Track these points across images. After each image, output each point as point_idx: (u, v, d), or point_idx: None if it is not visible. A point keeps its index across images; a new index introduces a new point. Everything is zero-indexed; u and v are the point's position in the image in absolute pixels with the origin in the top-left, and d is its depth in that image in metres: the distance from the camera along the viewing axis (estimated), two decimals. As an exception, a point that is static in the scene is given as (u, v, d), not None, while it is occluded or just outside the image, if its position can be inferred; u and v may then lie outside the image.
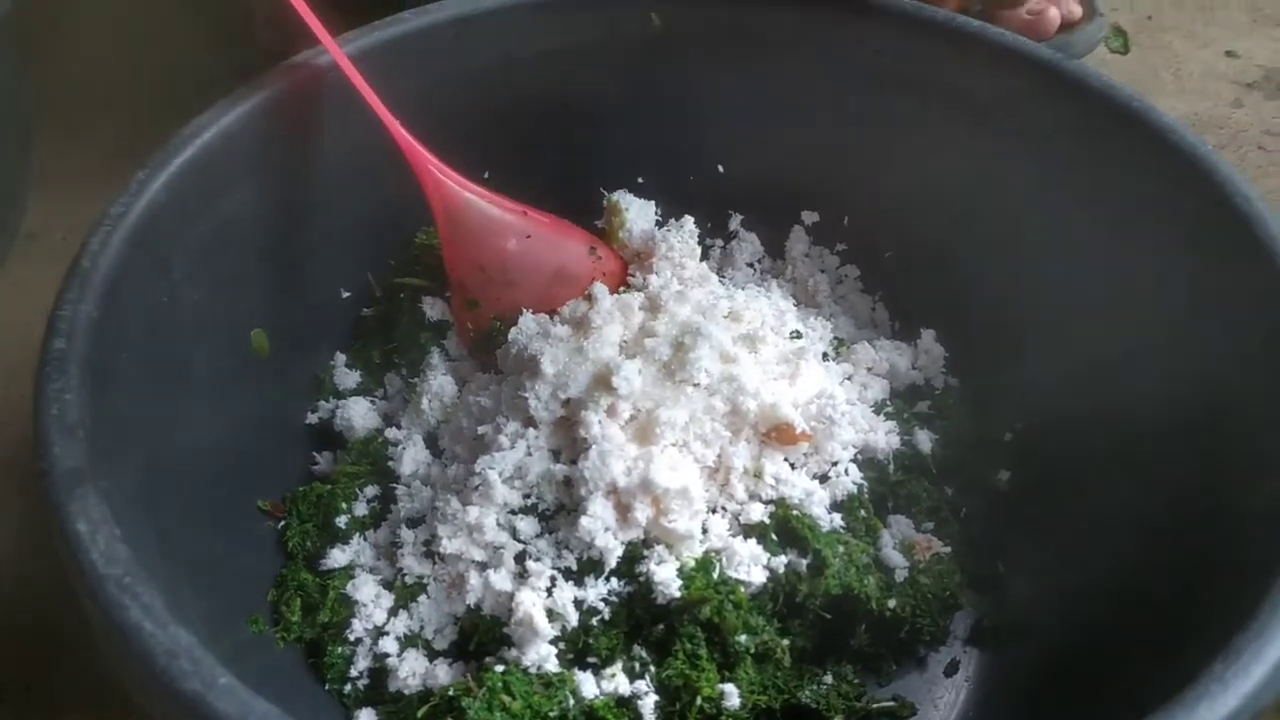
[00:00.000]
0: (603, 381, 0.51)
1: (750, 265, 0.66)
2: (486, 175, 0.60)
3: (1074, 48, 0.88)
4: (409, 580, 0.51)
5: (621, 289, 0.59)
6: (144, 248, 0.47)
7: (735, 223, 0.67)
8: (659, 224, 0.62)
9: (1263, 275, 0.45)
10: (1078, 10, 0.90)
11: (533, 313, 0.57)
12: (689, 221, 0.61)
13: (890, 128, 0.61)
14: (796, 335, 0.57)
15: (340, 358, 0.60)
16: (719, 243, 0.67)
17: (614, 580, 0.49)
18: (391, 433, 0.57)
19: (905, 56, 0.58)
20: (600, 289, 0.57)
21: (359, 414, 0.58)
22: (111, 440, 0.41)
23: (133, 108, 0.87)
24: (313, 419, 0.59)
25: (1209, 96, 0.88)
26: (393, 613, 0.51)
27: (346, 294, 0.61)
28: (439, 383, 0.57)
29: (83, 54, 0.93)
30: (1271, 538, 0.40)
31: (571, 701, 0.46)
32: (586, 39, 0.61)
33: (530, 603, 0.48)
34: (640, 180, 0.65)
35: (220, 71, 0.88)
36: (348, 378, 0.60)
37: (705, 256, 0.65)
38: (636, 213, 0.61)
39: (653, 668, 0.48)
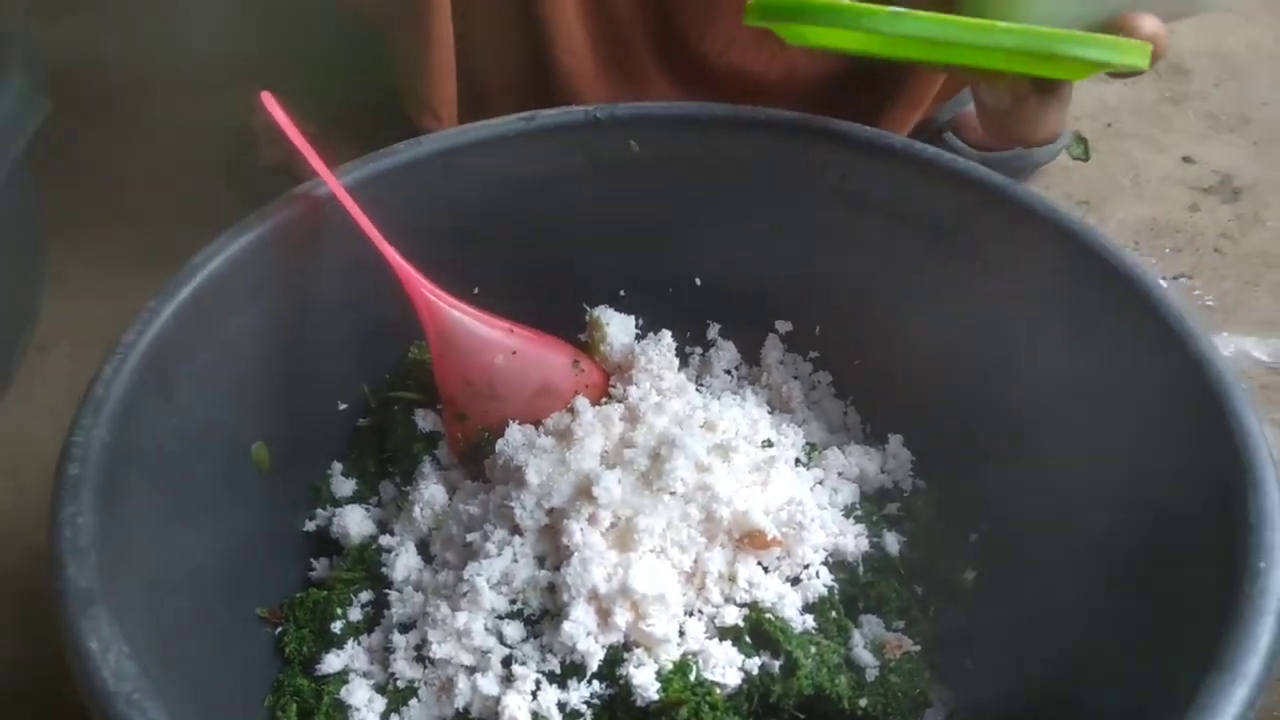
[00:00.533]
0: (584, 491, 0.54)
1: (728, 372, 0.70)
2: (475, 291, 0.64)
3: (1036, 155, 0.93)
4: (401, 684, 0.54)
5: (603, 400, 0.62)
6: (153, 373, 0.50)
7: (713, 331, 0.70)
8: (639, 337, 0.66)
9: (1195, 393, 0.48)
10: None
11: (519, 424, 0.60)
12: (666, 335, 0.65)
13: (856, 244, 0.65)
14: (768, 444, 0.60)
15: (337, 466, 0.63)
16: (698, 350, 0.70)
17: (596, 683, 0.51)
18: (385, 539, 0.60)
19: (868, 179, 0.62)
20: (582, 402, 0.60)
21: (354, 521, 0.60)
22: (120, 558, 0.44)
23: (140, 221, 0.92)
24: (310, 526, 0.62)
25: (1166, 201, 0.92)
26: (385, 717, 0.53)
27: (343, 406, 0.64)
28: (430, 491, 0.60)
29: (94, 168, 0.97)
30: (1210, 633, 0.42)
31: (555, 803, 0.48)
32: (568, 164, 0.65)
33: (516, 706, 0.50)
34: (621, 293, 0.69)
35: (225, 187, 0.93)
36: (344, 486, 0.63)
37: (685, 363, 0.69)
38: (617, 327, 0.65)
39: (633, 769, 0.50)
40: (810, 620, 0.55)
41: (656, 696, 0.50)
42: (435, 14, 0.71)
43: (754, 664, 0.52)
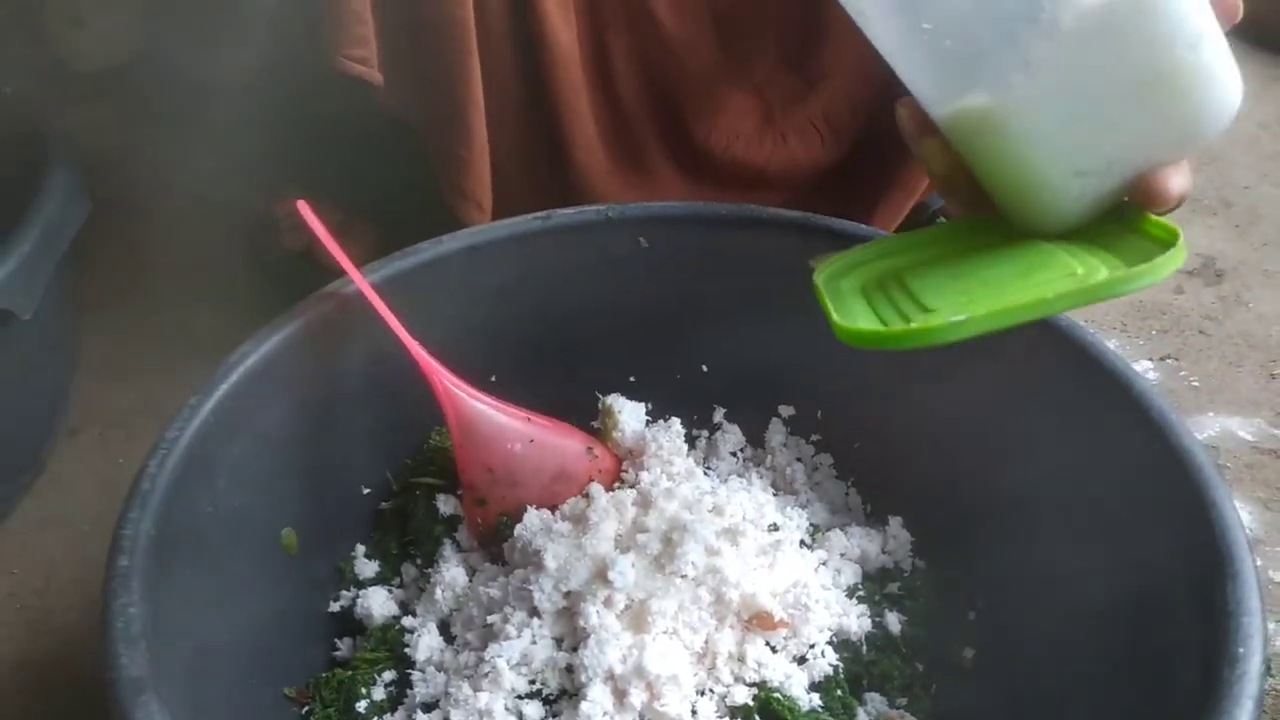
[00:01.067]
0: (600, 575, 0.57)
1: (733, 454, 0.73)
2: (493, 378, 0.67)
3: (1026, 240, 0.97)
4: (424, 762, 0.56)
5: (616, 485, 0.65)
6: (194, 466, 0.53)
7: (719, 415, 0.73)
8: (649, 422, 0.69)
9: (1177, 484, 0.51)
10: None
11: (537, 509, 0.63)
12: (676, 423, 0.68)
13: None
14: (774, 527, 0.63)
15: (360, 549, 0.66)
16: (705, 433, 0.73)
17: (612, 761, 0.54)
18: (408, 620, 0.62)
19: (865, 274, 0.66)
20: (597, 488, 0.63)
21: (377, 602, 0.63)
22: (165, 644, 0.47)
23: (165, 305, 0.95)
24: (335, 607, 0.64)
25: (1152, 283, 0.96)
26: (409, 794, 0.55)
27: (366, 490, 0.67)
28: (451, 573, 0.62)
29: (119, 252, 1.01)
30: (1192, 717, 0.45)
31: None
32: (583, 260, 0.69)
33: (535, 783, 0.53)
34: (632, 379, 0.72)
35: (247, 271, 0.97)
36: (367, 568, 0.65)
37: (693, 445, 0.72)
38: (628, 414, 0.68)
39: (648, 845, 0.52)
40: (816, 699, 0.57)
41: (671, 774, 0.52)
42: (473, 116, 0.75)
43: (763, 742, 0.54)
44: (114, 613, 0.46)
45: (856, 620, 0.61)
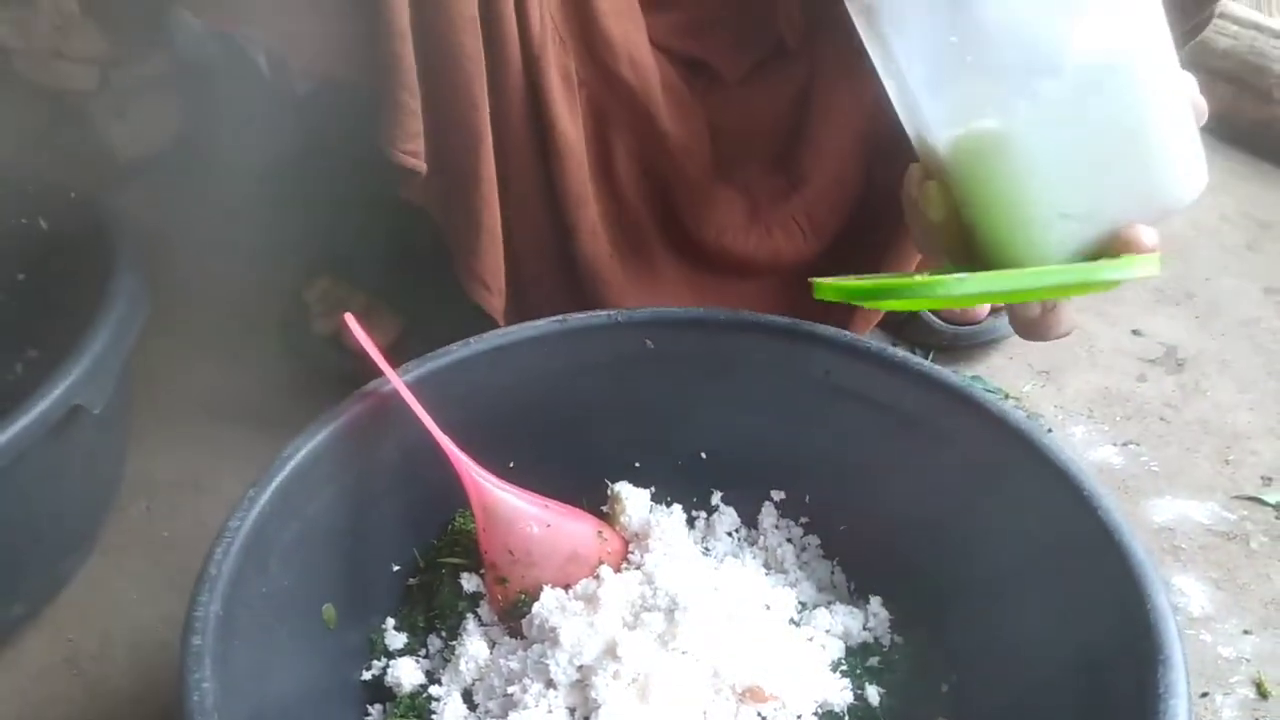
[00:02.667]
0: (610, 651, 0.64)
1: (729, 534, 0.80)
2: (511, 464, 0.74)
3: (1002, 329, 1.05)
4: (449, 820, 0.62)
5: (624, 565, 0.72)
6: (253, 553, 0.60)
7: (716, 498, 0.80)
8: (653, 508, 0.76)
9: (1118, 578, 0.59)
10: (1004, 295, 1.06)
11: (552, 588, 0.69)
12: (677, 508, 0.75)
13: (838, 427, 0.75)
14: (766, 607, 0.70)
15: (390, 621, 0.73)
16: (704, 514, 0.80)
17: (620, 821, 0.60)
18: (434, 689, 0.69)
19: (848, 376, 0.74)
20: (606, 570, 0.70)
21: (406, 672, 0.70)
22: (230, 713, 0.53)
23: (203, 382, 1.02)
24: (366, 676, 0.71)
25: (1117, 371, 1.03)
26: None
27: (397, 567, 0.74)
28: (474, 646, 0.69)
29: (157, 329, 1.08)
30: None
31: None
32: (594, 358, 0.76)
33: (551, 840, 0.59)
34: (637, 465, 0.79)
35: (280, 351, 1.04)
36: (396, 639, 0.72)
37: (692, 526, 0.79)
38: (634, 501, 0.75)
39: None
40: (803, 764, 0.64)
41: (672, 832, 0.59)
42: (484, 204, 0.82)
43: (755, 804, 0.61)
44: (189, 687, 0.52)
45: (840, 693, 0.67)
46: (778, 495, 0.80)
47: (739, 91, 0.92)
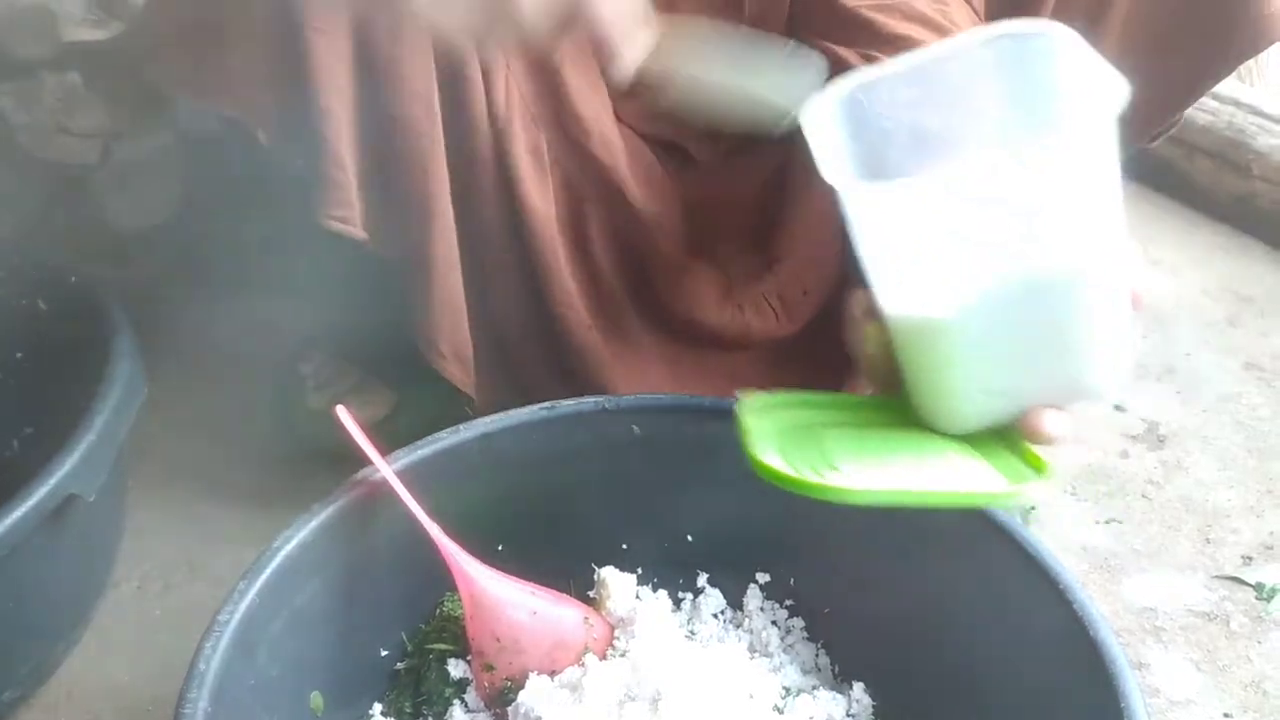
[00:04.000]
0: (594, 740, 0.64)
1: (715, 616, 0.80)
2: (499, 548, 0.75)
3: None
4: None
5: (609, 651, 0.73)
6: (241, 645, 0.61)
7: (702, 580, 0.81)
8: (639, 591, 0.77)
9: (1093, 669, 0.60)
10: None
11: (538, 674, 0.70)
12: (664, 594, 0.76)
13: (821, 512, 0.76)
14: (750, 696, 0.71)
15: (377, 706, 0.73)
16: (689, 596, 0.81)
17: None
18: (420, 776, 0.69)
19: (831, 462, 0.75)
20: (591, 658, 0.71)
21: (392, 758, 0.70)
22: (217, 811, 0.54)
23: (195, 458, 1.03)
24: (353, 762, 0.71)
25: (1100, 447, 1.05)
26: None
27: (385, 652, 0.75)
28: (460, 733, 0.70)
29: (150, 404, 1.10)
30: None
31: None
32: (582, 444, 0.77)
33: None
34: (624, 547, 0.80)
35: (274, 424, 1.05)
36: (383, 724, 0.73)
37: (678, 607, 0.80)
38: (620, 586, 0.76)
39: None
40: None
41: None
42: (437, 274, 0.84)
43: None
44: (180, 785, 0.53)
45: (822, 781, 0.68)
46: (763, 578, 0.80)
47: (712, 172, 0.95)
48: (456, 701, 0.72)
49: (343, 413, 0.69)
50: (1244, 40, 0.84)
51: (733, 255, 0.96)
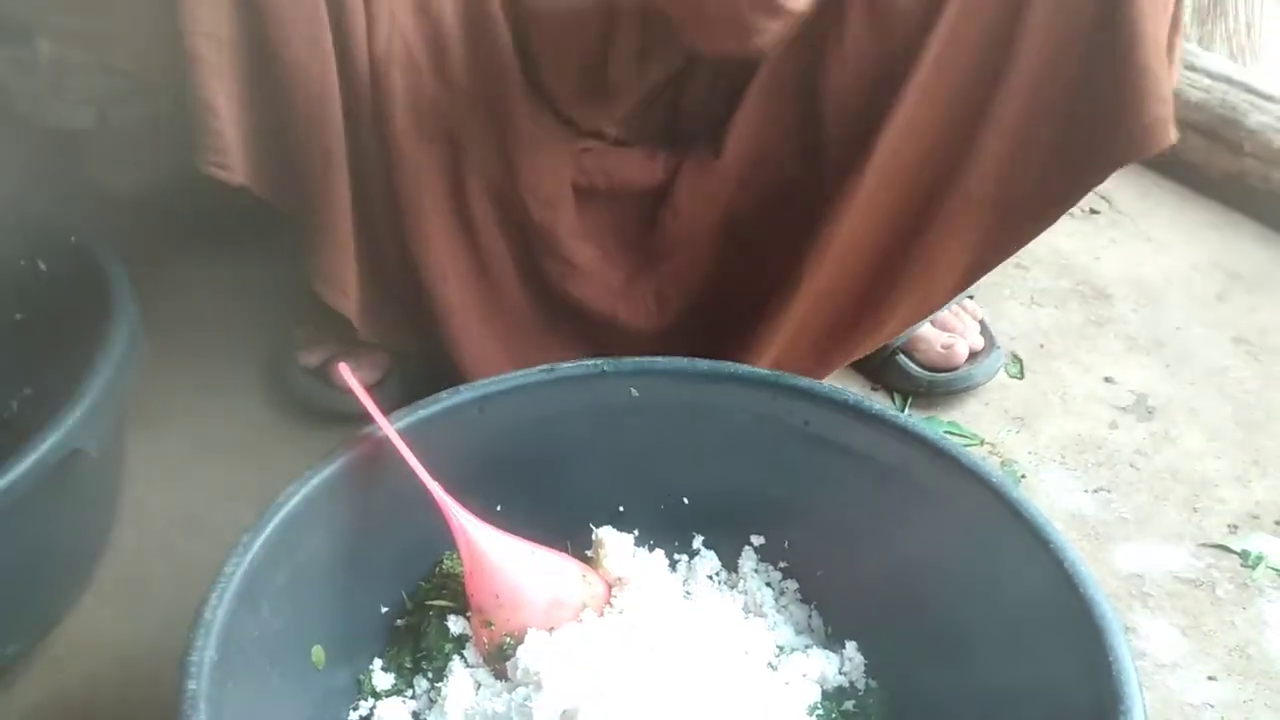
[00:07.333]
0: (593, 694, 0.65)
1: (710, 578, 0.81)
2: (498, 508, 0.76)
3: (977, 376, 1.07)
4: None
5: (607, 608, 0.74)
6: (246, 597, 0.62)
7: (697, 542, 0.82)
8: (635, 553, 0.78)
9: (1084, 629, 0.61)
10: (980, 342, 1.09)
11: (536, 631, 0.71)
12: (660, 553, 0.77)
13: (817, 475, 0.78)
14: (745, 652, 0.72)
15: (378, 662, 0.74)
16: (685, 558, 0.82)
17: None
18: (419, 729, 0.70)
19: (827, 426, 0.76)
20: (589, 614, 0.72)
21: (393, 712, 0.71)
22: (223, 757, 0.55)
23: (190, 412, 1.03)
24: (353, 716, 0.72)
25: (1089, 419, 1.06)
26: None
27: (385, 609, 0.76)
28: (460, 688, 0.71)
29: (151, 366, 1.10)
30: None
31: None
32: (580, 407, 0.78)
33: None
34: (621, 509, 0.81)
35: (267, 384, 1.05)
36: (384, 679, 0.73)
37: (673, 569, 0.81)
38: (617, 546, 0.77)
39: None
40: (779, 807, 0.66)
41: None
42: (334, 212, 0.86)
43: (731, 846, 0.63)
44: (185, 730, 0.54)
45: (815, 735, 0.70)
46: (757, 540, 0.82)
47: (611, 154, 0.95)
48: (456, 657, 0.73)
49: (346, 371, 0.70)
50: (1121, 149, 0.83)
51: (619, 250, 0.97)
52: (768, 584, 0.81)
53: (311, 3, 0.79)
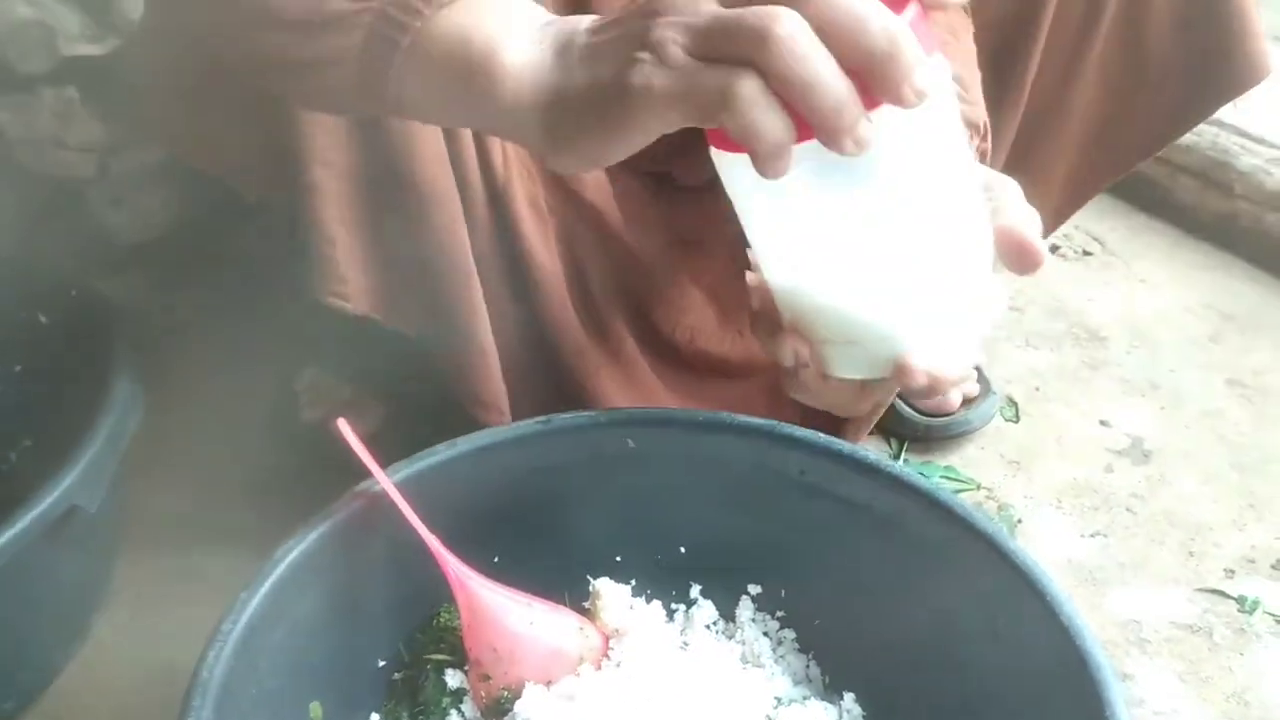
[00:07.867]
0: (590, 749, 0.66)
1: (707, 627, 0.82)
2: (495, 559, 0.76)
3: (972, 422, 1.08)
4: None
5: (604, 661, 0.74)
6: (243, 654, 0.62)
7: (695, 591, 0.82)
8: (633, 602, 0.78)
9: (1081, 683, 0.61)
10: (975, 388, 1.10)
11: (534, 684, 0.71)
12: (657, 604, 0.77)
13: (813, 524, 0.78)
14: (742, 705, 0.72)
15: (375, 716, 0.74)
16: (682, 607, 0.82)
17: None
18: (417, 785, 0.70)
19: (822, 475, 0.76)
20: (587, 667, 0.72)
21: (390, 767, 0.71)
22: (219, 818, 0.55)
23: (189, 469, 1.04)
24: (351, 771, 0.72)
25: (1085, 462, 1.07)
26: None
27: (382, 663, 0.76)
28: (457, 742, 0.71)
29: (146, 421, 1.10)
30: None
31: None
32: (577, 457, 0.78)
33: None
34: (618, 559, 0.81)
35: (269, 441, 1.06)
36: (381, 734, 0.74)
37: (670, 618, 0.81)
38: (615, 597, 0.77)
39: None
40: None
41: None
42: (481, 333, 0.83)
43: None
44: (184, 794, 0.54)
45: (813, 790, 0.69)
46: (755, 589, 0.82)
47: (697, 195, 0.95)
48: (454, 711, 0.73)
49: (344, 426, 0.70)
50: (1230, 79, 0.86)
51: (722, 280, 0.97)
52: (765, 633, 0.81)
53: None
